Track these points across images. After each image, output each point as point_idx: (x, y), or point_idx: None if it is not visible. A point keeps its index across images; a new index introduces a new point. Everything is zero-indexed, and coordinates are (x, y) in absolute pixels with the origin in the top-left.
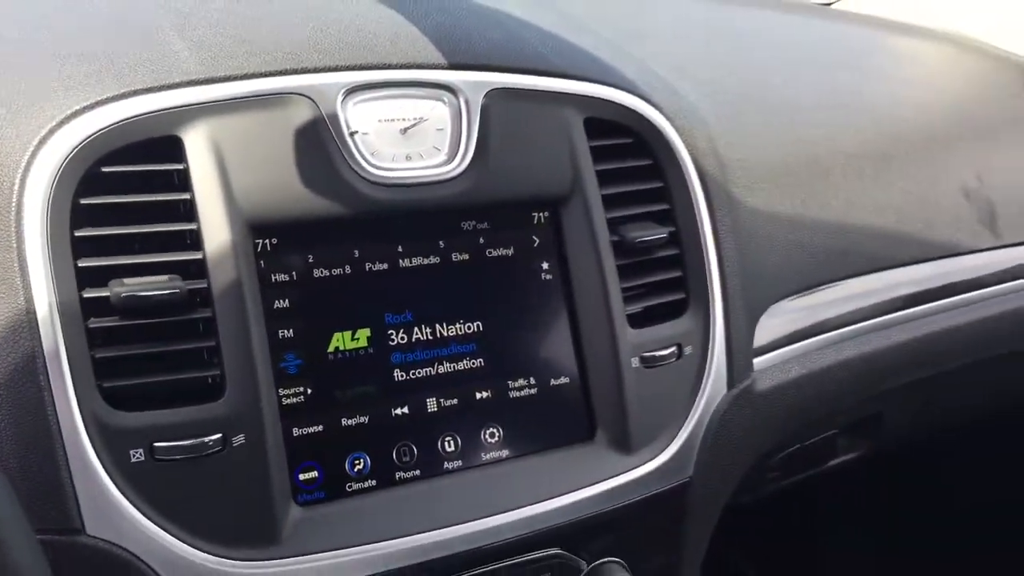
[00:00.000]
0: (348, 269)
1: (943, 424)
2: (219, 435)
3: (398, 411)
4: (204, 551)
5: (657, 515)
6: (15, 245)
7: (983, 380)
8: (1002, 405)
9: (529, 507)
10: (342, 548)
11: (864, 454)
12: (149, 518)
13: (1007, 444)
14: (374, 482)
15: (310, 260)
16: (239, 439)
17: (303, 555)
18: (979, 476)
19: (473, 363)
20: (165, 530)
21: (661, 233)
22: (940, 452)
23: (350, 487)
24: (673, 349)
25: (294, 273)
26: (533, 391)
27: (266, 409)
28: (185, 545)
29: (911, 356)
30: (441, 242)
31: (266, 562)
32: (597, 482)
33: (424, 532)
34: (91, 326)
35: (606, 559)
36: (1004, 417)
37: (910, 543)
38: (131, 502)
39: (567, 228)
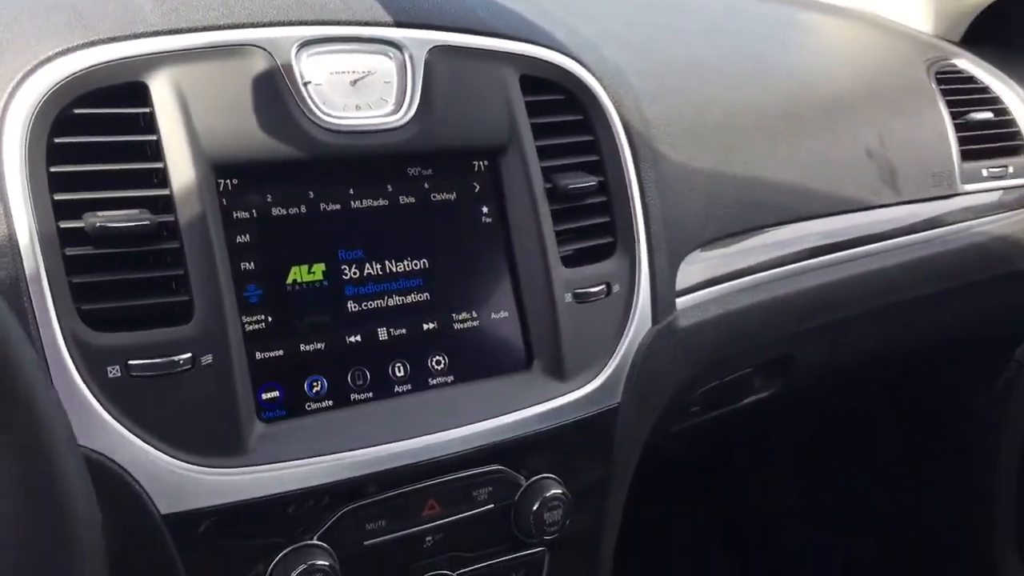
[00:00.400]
0: (304, 209)
1: (848, 365)
2: (188, 355)
3: (352, 339)
4: (177, 458)
5: (589, 437)
6: None
7: (883, 325)
8: (900, 347)
9: (472, 425)
10: (302, 459)
11: (777, 392)
12: (126, 427)
13: (904, 384)
14: (331, 402)
15: (269, 199)
16: (207, 359)
17: (267, 464)
18: (885, 413)
19: (420, 297)
20: (141, 439)
21: (591, 182)
22: (847, 391)
23: (309, 406)
24: (602, 287)
25: (254, 211)
26: (475, 323)
27: (231, 333)
28: (159, 452)
29: (818, 300)
30: (389, 186)
31: (234, 469)
32: (534, 405)
33: (376, 446)
34: (68, 254)
35: (543, 475)
36: (903, 359)
37: (822, 476)
38: (109, 413)
39: (505, 176)
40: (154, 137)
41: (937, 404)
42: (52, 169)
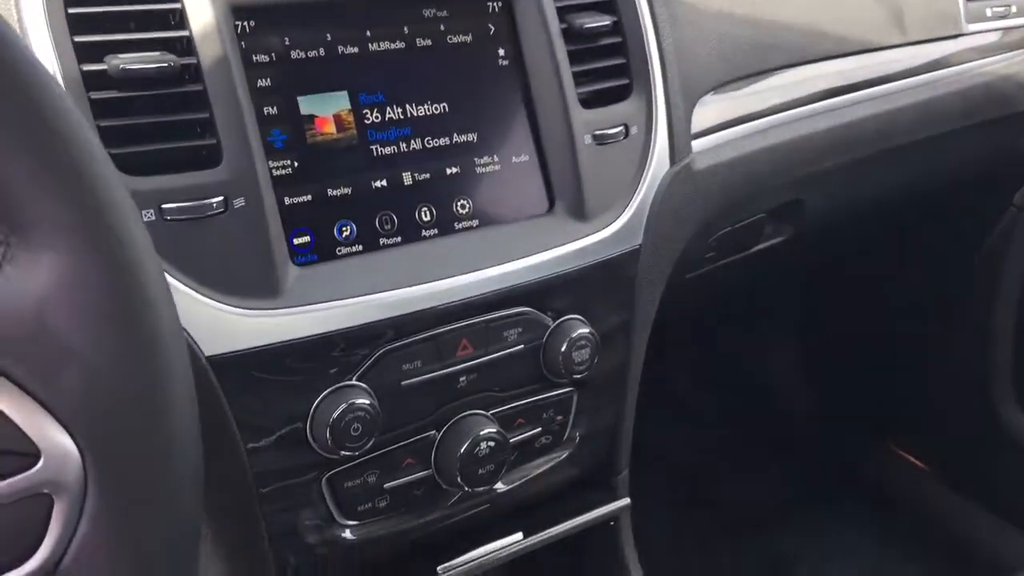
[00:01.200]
0: (322, 51)
1: (855, 210)
2: (220, 198)
3: (377, 184)
4: (217, 300)
5: (612, 278)
6: (16, 17)
7: (889, 168)
8: (905, 191)
9: (498, 267)
10: (336, 300)
11: (788, 238)
12: (166, 271)
13: (907, 229)
14: (360, 247)
15: (287, 42)
16: (239, 202)
17: (303, 305)
18: (888, 260)
19: (441, 141)
20: (181, 282)
21: (605, 21)
22: (852, 237)
23: (339, 251)
24: (620, 128)
25: (273, 54)
26: (497, 167)
27: (261, 177)
28: (199, 295)
29: (828, 143)
30: (405, 28)
31: (272, 311)
32: (557, 246)
33: (406, 287)
34: (93, 97)
35: (569, 316)
36: (907, 203)
37: (826, 322)
38: None
39: (520, 17)
40: None
41: (939, 249)
42: (71, 10)
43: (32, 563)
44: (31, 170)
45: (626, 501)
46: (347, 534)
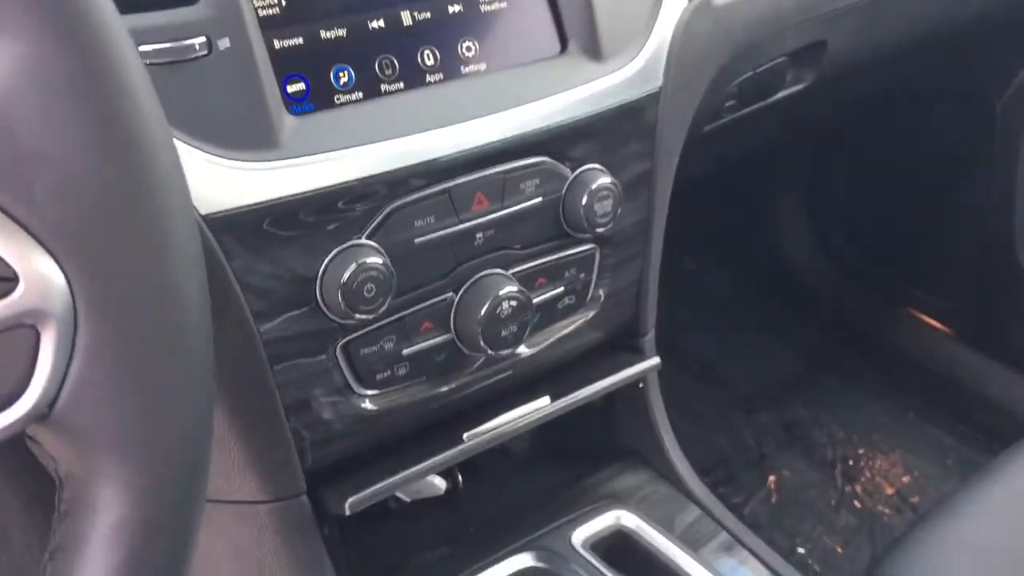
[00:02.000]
0: None
1: (879, 51)
2: (203, 38)
3: (374, 24)
4: (209, 152)
5: (632, 123)
6: None
7: (914, 6)
8: (929, 32)
9: (510, 111)
10: (337, 150)
11: (809, 85)
12: None
13: (930, 74)
14: (360, 94)
15: None
16: (224, 43)
17: (302, 156)
18: (910, 108)
19: None
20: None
21: None
22: (875, 82)
23: (338, 99)
24: None
25: None
26: (503, 4)
27: (246, 14)
28: (190, 147)
29: None
30: None
31: (269, 163)
32: (572, 88)
33: (412, 135)
34: None
35: (589, 165)
36: (931, 44)
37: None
38: None
39: None
40: None
41: (960, 101)
42: None
43: (22, 405)
44: None
45: (655, 360)
46: (367, 404)
